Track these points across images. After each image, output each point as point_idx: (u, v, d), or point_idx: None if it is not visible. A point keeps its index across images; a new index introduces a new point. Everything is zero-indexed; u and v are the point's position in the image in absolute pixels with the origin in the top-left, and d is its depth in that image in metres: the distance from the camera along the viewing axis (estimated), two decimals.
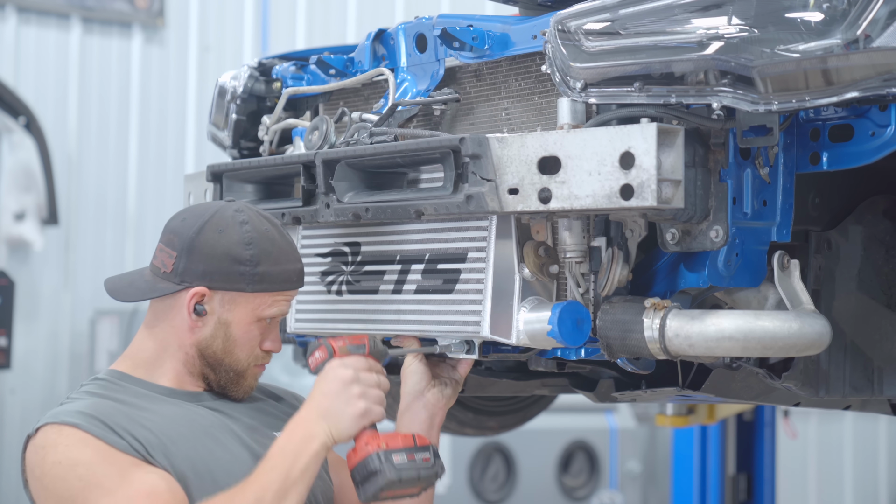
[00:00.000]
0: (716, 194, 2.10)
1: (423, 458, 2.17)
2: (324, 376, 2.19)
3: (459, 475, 6.38)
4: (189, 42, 7.35)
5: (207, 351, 2.28)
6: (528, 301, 2.24)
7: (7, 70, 6.71)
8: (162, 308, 2.29)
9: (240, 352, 2.29)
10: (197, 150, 7.21)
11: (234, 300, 2.26)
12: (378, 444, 2.14)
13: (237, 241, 2.25)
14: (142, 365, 2.30)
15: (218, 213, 2.28)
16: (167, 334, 2.29)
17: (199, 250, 2.25)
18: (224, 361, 2.29)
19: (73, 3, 6.98)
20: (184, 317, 2.26)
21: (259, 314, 2.28)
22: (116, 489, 2.07)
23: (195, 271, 2.24)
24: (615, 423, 6.97)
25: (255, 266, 2.25)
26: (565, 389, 2.87)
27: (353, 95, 2.76)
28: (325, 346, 2.21)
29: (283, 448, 2.13)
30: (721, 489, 5.06)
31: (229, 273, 2.24)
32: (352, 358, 2.19)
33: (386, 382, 2.22)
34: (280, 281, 2.28)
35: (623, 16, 2.11)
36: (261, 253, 2.25)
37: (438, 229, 2.34)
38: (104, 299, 2.38)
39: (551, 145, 2.10)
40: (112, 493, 2.07)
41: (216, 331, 2.27)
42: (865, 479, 8.76)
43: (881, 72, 1.92)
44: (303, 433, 2.14)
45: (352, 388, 2.15)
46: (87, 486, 2.08)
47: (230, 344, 2.28)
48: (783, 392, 2.34)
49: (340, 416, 2.14)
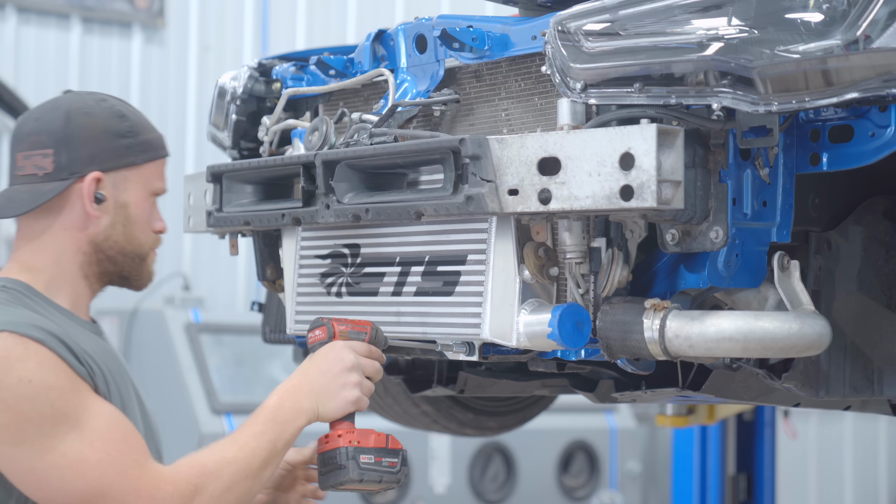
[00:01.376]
0: (716, 195, 2.10)
1: (390, 462, 2.20)
2: (325, 354, 2.17)
3: (459, 475, 6.38)
4: (189, 42, 7.35)
5: (107, 242, 2.21)
6: (528, 303, 2.24)
7: (7, 70, 6.71)
8: (45, 214, 2.19)
9: (140, 234, 2.24)
10: (197, 151, 7.21)
11: (125, 178, 2.21)
12: (350, 440, 2.16)
13: (110, 117, 2.19)
14: (40, 279, 2.19)
15: (73, 101, 2.23)
16: (59, 240, 2.20)
17: (76, 137, 2.17)
18: (126, 249, 2.23)
19: (73, 3, 6.98)
20: (77, 213, 2.18)
21: (150, 188, 2.25)
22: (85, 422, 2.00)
23: (81, 158, 2.17)
24: (615, 423, 6.97)
25: (136, 136, 2.21)
26: (565, 390, 2.87)
27: (353, 96, 2.76)
28: (327, 326, 2.22)
29: (273, 416, 2.10)
30: (721, 489, 5.06)
31: (116, 149, 2.19)
32: (357, 343, 2.19)
33: (380, 372, 2.21)
34: (159, 147, 2.26)
35: (623, 17, 2.11)
36: (135, 122, 2.22)
37: (438, 231, 2.34)
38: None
39: (551, 146, 2.10)
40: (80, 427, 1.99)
41: (115, 216, 2.21)
42: (865, 479, 8.76)
43: (881, 72, 1.92)
44: (293, 404, 2.12)
45: (351, 374, 2.15)
46: (57, 413, 1.99)
47: (130, 227, 2.23)
48: (783, 392, 2.33)
49: (332, 398, 2.14)
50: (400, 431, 4.37)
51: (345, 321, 2.23)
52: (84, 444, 1.99)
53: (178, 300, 6.37)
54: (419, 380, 3.07)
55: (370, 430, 2.20)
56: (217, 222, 2.69)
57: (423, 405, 3.37)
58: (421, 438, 6.08)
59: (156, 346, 6.05)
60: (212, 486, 2.03)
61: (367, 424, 2.25)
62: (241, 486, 2.05)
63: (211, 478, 2.03)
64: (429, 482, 6.27)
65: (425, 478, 6.26)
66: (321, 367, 2.15)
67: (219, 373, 5.96)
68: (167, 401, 5.86)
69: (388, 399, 3.35)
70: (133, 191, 2.22)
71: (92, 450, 1.99)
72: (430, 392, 3.03)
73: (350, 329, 2.22)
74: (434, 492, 6.29)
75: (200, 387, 5.83)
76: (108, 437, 2.01)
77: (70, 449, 1.98)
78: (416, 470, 6.20)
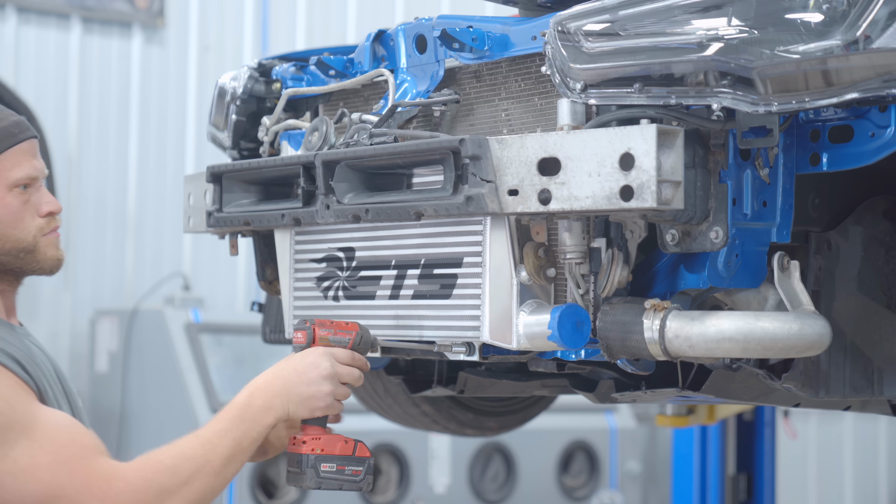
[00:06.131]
0: (716, 195, 2.10)
1: (354, 470, 2.22)
2: (303, 357, 2.17)
3: (459, 475, 6.38)
4: (189, 42, 7.34)
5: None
6: (527, 304, 2.23)
7: (7, 70, 6.70)
8: None
9: (13, 230, 2.19)
10: (197, 151, 7.20)
11: None
12: (314, 447, 2.20)
13: None
14: None
15: None
16: None
17: None
18: (6, 247, 2.19)
19: (73, 3, 6.98)
20: None
21: (6, 182, 2.17)
22: (33, 428, 2.00)
23: None
24: (615, 423, 6.96)
25: None
26: (565, 390, 2.87)
27: (353, 96, 2.76)
28: (308, 331, 2.23)
29: (241, 414, 2.10)
30: (721, 489, 5.06)
31: None
32: (338, 350, 2.20)
33: (360, 378, 2.21)
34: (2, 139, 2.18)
35: (623, 17, 2.11)
36: None
37: (433, 234, 2.34)
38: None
39: (551, 146, 2.10)
40: (29, 433, 2.00)
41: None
42: (865, 479, 8.75)
43: (881, 73, 1.92)
44: (263, 402, 2.12)
45: (324, 383, 2.16)
46: (8, 423, 1.99)
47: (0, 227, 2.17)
48: (783, 393, 2.33)
49: (302, 402, 2.15)
50: (400, 431, 4.37)
51: (329, 324, 2.24)
52: (34, 449, 2.00)
53: (178, 300, 6.37)
54: (419, 380, 3.07)
55: (338, 436, 2.24)
56: (217, 222, 2.69)
57: (423, 405, 3.37)
58: (421, 438, 6.08)
59: (156, 346, 6.05)
60: (168, 482, 2.02)
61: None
62: (199, 483, 2.04)
63: (168, 474, 2.03)
64: (429, 482, 6.27)
65: (425, 478, 6.25)
66: (297, 369, 2.16)
67: (219, 373, 5.96)
68: (167, 401, 5.86)
69: (388, 399, 3.35)
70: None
71: (42, 453, 2.01)
72: (430, 392, 3.03)
73: (332, 335, 2.24)
74: (434, 492, 6.29)
75: (200, 387, 5.83)
76: (58, 440, 2.02)
77: (20, 454, 2.00)
78: (416, 470, 6.20)
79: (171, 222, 6.95)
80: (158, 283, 6.62)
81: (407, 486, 6.18)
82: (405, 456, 6.16)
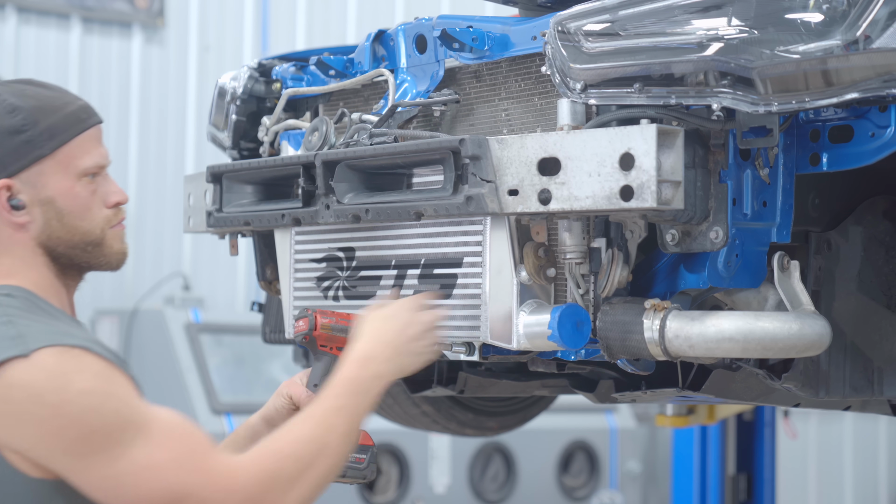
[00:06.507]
0: (716, 195, 2.10)
1: (357, 458, 2.18)
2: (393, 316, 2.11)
3: (459, 475, 6.38)
4: (189, 42, 7.35)
5: (52, 241, 2.07)
6: (527, 304, 2.23)
7: (7, 70, 6.70)
8: None
9: (81, 222, 2.09)
10: (197, 151, 7.21)
11: (40, 173, 2.05)
12: None
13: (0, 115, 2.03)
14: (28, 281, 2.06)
15: None
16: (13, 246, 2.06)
17: None
18: (73, 241, 2.09)
19: (73, 3, 6.98)
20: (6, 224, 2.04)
21: (75, 171, 2.07)
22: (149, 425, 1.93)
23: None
24: (615, 423, 6.97)
25: (35, 126, 2.04)
26: (565, 390, 2.87)
27: (353, 96, 2.76)
28: (309, 318, 2.21)
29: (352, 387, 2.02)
30: (721, 489, 5.06)
31: (16, 149, 2.03)
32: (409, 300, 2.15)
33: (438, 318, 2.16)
34: (70, 125, 2.08)
35: (623, 17, 2.11)
36: (31, 111, 2.05)
37: (432, 234, 2.34)
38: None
39: (551, 146, 2.10)
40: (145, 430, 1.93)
41: (46, 215, 2.06)
42: (865, 479, 8.76)
43: (881, 73, 1.92)
44: (373, 371, 2.05)
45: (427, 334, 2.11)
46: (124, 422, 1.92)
47: (67, 219, 2.08)
48: (783, 393, 2.34)
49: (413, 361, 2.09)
50: (400, 431, 4.37)
51: (330, 313, 2.23)
52: (153, 447, 1.93)
53: (178, 300, 6.37)
54: (419, 380, 3.06)
55: None
56: (217, 222, 2.69)
57: (423, 405, 3.37)
58: (421, 438, 6.09)
59: (156, 346, 6.06)
60: (291, 469, 1.95)
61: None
62: (322, 465, 1.97)
63: (289, 461, 1.95)
64: (429, 482, 6.27)
65: (425, 478, 6.26)
66: (396, 328, 2.09)
67: (219, 373, 5.96)
68: (167, 401, 5.83)
69: (388, 399, 3.35)
70: (54, 182, 2.06)
71: (161, 451, 1.94)
72: (430, 392, 3.03)
73: (334, 322, 2.21)
74: (434, 492, 6.29)
75: (200, 387, 5.83)
76: (174, 436, 1.95)
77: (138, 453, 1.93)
78: (416, 470, 6.20)
79: (171, 222, 6.95)
80: (158, 283, 6.63)
81: (407, 486, 6.19)
82: (405, 456, 6.16)
